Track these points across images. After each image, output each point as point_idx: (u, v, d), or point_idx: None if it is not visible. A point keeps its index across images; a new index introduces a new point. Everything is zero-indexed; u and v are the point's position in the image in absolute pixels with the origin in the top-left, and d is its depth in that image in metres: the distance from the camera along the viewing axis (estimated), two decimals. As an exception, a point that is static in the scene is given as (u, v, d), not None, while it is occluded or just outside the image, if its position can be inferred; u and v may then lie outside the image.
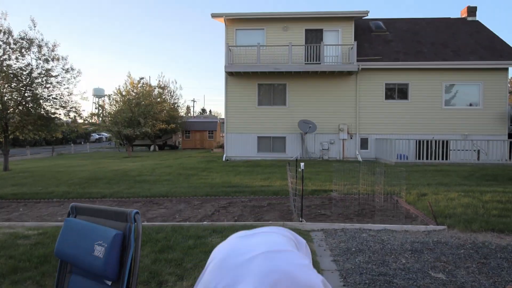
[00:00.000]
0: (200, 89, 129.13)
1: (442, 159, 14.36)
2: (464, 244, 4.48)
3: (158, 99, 27.32)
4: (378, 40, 17.92)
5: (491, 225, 5.15)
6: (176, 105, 32.23)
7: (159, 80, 31.80)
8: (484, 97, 16.24)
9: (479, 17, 28.33)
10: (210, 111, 71.13)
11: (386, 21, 19.60)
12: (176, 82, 64.93)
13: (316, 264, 3.77)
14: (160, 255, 3.94)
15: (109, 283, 1.36)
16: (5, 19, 13.48)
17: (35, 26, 13.84)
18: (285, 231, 0.93)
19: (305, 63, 16.63)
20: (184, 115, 37.26)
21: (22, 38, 13.58)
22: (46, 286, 3.25)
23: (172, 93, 32.26)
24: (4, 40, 13.31)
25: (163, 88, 29.58)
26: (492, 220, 5.42)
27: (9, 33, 13.37)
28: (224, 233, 4.78)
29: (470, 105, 16.49)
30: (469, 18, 19.60)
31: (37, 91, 14.06)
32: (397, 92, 16.71)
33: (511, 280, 3.37)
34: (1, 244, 4.48)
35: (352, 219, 5.85)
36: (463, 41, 17.61)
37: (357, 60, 16.09)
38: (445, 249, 4.27)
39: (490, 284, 3.29)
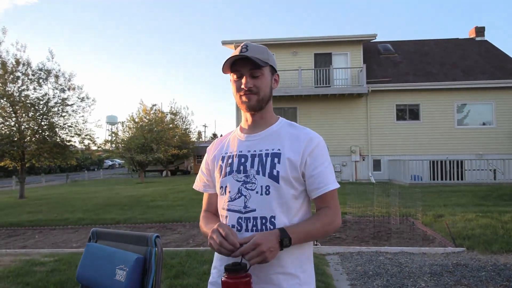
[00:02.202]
0: (211, 114, 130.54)
1: (458, 179, 14.12)
2: (485, 266, 4.36)
3: (170, 125, 27.65)
4: (387, 62, 18.06)
5: (512, 247, 5.01)
6: (187, 131, 32.53)
7: (171, 107, 32.27)
8: (497, 116, 16.08)
9: (488, 37, 28.52)
10: (221, 135, 71.67)
11: (394, 43, 19.80)
12: (188, 108, 65.69)
13: (333, 289, 3.70)
14: (175, 280, 3.92)
15: (131, 307, 1.37)
16: (24, 51, 13.99)
17: (52, 58, 14.33)
18: None
19: (315, 87, 16.79)
20: (196, 140, 37.56)
21: (40, 69, 14.05)
22: (63, 313, 3.25)
23: (184, 119, 32.66)
24: (23, 72, 13.79)
25: (175, 114, 29.98)
26: (513, 241, 5.28)
27: (28, 64, 13.86)
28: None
29: (483, 124, 16.33)
30: (478, 38, 19.67)
31: (53, 120, 14.42)
32: (408, 113, 16.67)
33: (537, 303, 3.26)
34: (18, 271, 4.51)
35: (368, 242, 5.75)
36: (472, 60, 17.63)
37: (367, 82, 16.18)
38: (465, 272, 4.16)
39: (514, 308, 3.18)
